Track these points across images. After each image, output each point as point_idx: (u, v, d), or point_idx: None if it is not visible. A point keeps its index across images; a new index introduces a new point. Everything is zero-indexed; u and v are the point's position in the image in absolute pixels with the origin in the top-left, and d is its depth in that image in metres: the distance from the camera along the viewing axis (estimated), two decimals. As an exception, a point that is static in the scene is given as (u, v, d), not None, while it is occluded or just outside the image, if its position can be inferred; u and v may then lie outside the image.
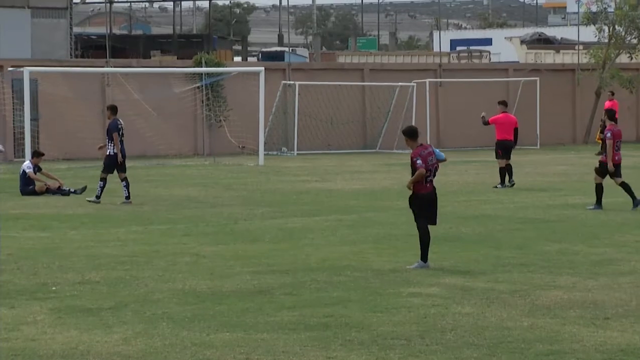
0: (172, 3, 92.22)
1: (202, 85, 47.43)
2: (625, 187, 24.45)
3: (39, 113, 42.98)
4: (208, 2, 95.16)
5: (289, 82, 48.94)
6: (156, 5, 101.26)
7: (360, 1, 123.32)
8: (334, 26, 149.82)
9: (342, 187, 31.42)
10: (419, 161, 17.72)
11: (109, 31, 71.37)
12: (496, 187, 29.08)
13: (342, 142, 49.51)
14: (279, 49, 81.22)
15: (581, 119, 55.63)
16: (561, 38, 79.61)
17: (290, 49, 78.22)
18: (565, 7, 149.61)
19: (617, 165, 24.45)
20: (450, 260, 17.45)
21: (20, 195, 29.15)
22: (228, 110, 47.54)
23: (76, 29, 71.78)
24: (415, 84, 50.27)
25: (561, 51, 71.26)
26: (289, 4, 76.73)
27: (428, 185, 18.08)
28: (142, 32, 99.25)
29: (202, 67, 48.21)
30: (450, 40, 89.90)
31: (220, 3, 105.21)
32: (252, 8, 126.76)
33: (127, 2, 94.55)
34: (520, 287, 14.95)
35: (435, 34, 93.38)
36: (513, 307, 13.63)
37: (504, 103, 31.87)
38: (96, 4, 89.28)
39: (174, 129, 45.80)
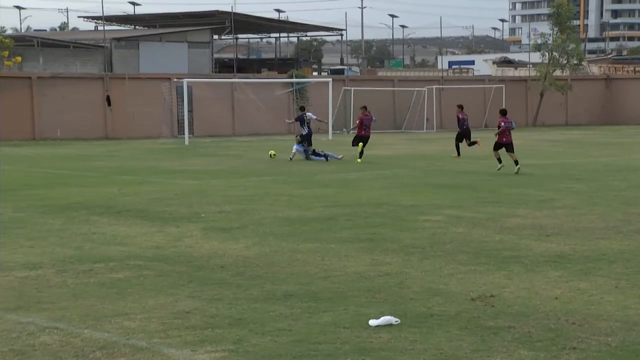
0: (274, 39, 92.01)
1: (293, 90, 47.48)
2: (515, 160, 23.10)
3: (192, 107, 43.24)
4: (297, 38, 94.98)
5: (347, 88, 48.86)
6: (265, 40, 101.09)
7: (392, 37, 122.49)
8: (375, 52, 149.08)
9: (380, 153, 31.30)
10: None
11: (235, 56, 71.46)
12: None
13: (380, 125, 49.22)
14: (340, 67, 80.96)
15: (531, 111, 55.37)
16: (518, 60, 78.89)
17: (348, 67, 77.92)
18: (521, 40, 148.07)
19: (509, 144, 23.27)
20: (448, 199, 17.37)
21: (179, 157, 29.29)
22: (309, 106, 47.51)
23: (215, 55, 71.98)
24: (426, 89, 50.07)
25: (518, 68, 70.73)
26: (347, 39, 76.34)
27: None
28: (256, 57, 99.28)
29: (293, 78, 48.24)
30: (448, 61, 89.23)
31: (304, 39, 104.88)
32: (323, 42, 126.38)
33: (246, 38, 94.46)
34: (492, 216, 14.86)
35: (439, 57, 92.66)
36: (488, 228, 13.56)
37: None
38: (227, 40, 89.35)
39: (275, 117, 45.91)
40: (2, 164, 27.03)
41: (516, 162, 22.98)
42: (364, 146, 27.75)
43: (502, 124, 23.65)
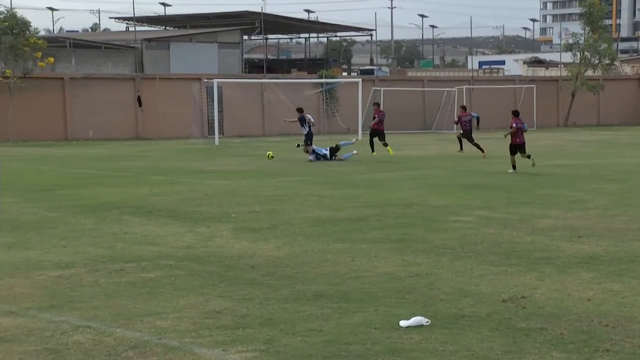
0: (304, 39, 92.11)
1: (322, 90, 47.47)
2: (529, 157, 23.52)
3: (222, 107, 43.41)
4: (326, 38, 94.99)
5: (376, 88, 48.76)
6: (294, 40, 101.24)
7: (422, 37, 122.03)
8: (404, 53, 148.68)
9: (409, 153, 31.24)
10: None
11: (265, 57, 71.62)
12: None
13: (409, 125, 49.26)
14: (370, 67, 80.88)
15: (562, 111, 55.00)
16: (549, 60, 78.37)
17: (377, 67, 77.81)
18: (552, 40, 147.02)
19: (522, 144, 23.47)
20: (479, 199, 17.29)
21: (209, 157, 29.43)
22: (339, 106, 47.54)
23: (245, 56, 72.18)
24: (456, 89, 49.90)
25: (549, 68, 70.27)
26: (377, 39, 76.17)
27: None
28: (285, 57, 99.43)
29: (322, 79, 48.23)
30: (479, 61, 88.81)
31: (334, 39, 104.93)
32: (353, 42, 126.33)
33: (276, 38, 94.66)
34: (523, 217, 14.77)
35: (469, 57, 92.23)
36: (519, 229, 13.47)
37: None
38: (257, 40, 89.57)
39: (305, 117, 45.95)
40: (36, 164, 27.30)
41: (529, 156, 23.38)
42: (383, 139, 29.28)
43: (514, 124, 23.69)
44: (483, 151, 29.03)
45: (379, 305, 8.71)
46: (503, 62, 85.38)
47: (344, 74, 75.90)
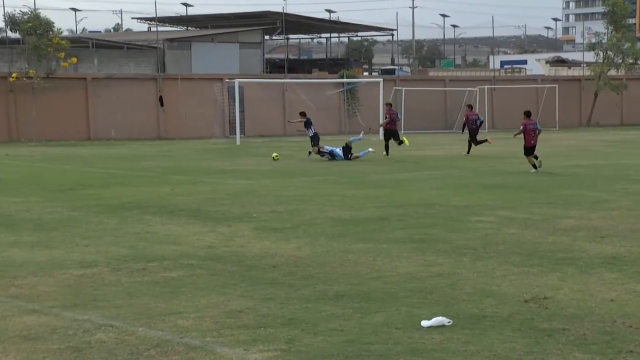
0: (325, 39, 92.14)
1: (343, 90, 47.45)
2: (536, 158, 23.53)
3: (244, 107, 43.50)
4: (347, 38, 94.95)
5: (398, 88, 48.69)
6: (315, 40, 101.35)
7: (443, 37, 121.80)
8: (426, 52, 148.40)
9: (431, 153, 31.18)
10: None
11: (286, 56, 71.71)
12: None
13: (431, 125, 49.17)
14: (391, 67, 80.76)
15: (585, 111, 54.71)
16: (571, 59, 77.94)
17: (399, 67, 77.66)
18: (574, 39, 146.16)
19: (532, 147, 23.38)
20: (501, 199, 17.22)
21: (231, 157, 29.48)
22: (360, 106, 47.52)
23: (266, 56, 72.30)
24: (478, 89, 49.73)
25: (572, 67, 69.90)
26: (398, 39, 76.08)
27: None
28: (307, 57, 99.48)
29: (343, 78, 48.22)
30: (500, 61, 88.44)
31: (355, 39, 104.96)
32: (374, 42, 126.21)
33: (297, 38, 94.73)
34: (546, 217, 14.70)
35: (491, 57, 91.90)
36: (542, 230, 13.41)
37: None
38: (278, 40, 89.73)
39: (325, 117, 45.98)
40: (59, 164, 27.49)
41: (536, 157, 23.38)
42: (397, 139, 29.16)
43: (525, 126, 23.44)
44: (488, 141, 30.43)
45: (400, 305, 8.70)
46: (525, 62, 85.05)
47: (365, 73, 75.84)
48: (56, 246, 12.19)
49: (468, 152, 30.23)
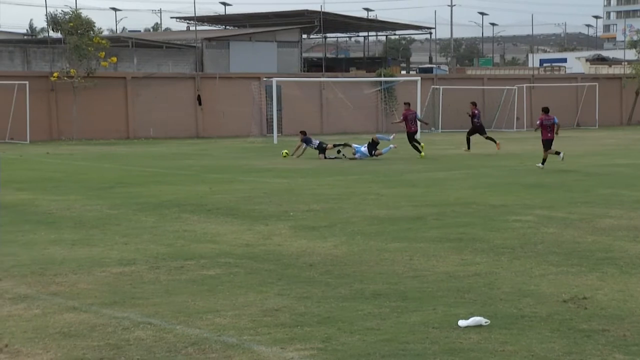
0: (363, 37, 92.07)
1: (381, 89, 47.37)
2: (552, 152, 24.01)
3: (281, 106, 43.59)
4: (385, 37, 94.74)
5: (435, 86, 48.49)
6: (353, 39, 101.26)
7: (481, 35, 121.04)
8: (464, 51, 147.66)
9: (469, 152, 30.96)
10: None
11: (324, 55, 71.74)
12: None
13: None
14: (429, 65, 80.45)
15: (626, 109, 54.08)
16: (612, 57, 77.07)
17: (437, 65, 77.32)
18: (615, 37, 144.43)
19: (549, 140, 23.79)
20: (539, 199, 17.07)
21: (268, 155, 29.55)
22: (397, 104, 47.38)
23: (304, 54, 72.39)
24: (516, 88, 49.39)
25: (612, 66, 69.13)
26: (436, 37, 75.74)
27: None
28: (344, 56, 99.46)
29: (381, 77, 48.13)
30: (540, 59, 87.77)
31: (392, 38, 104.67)
32: (412, 40, 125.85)
33: (335, 37, 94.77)
34: (585, 217, 14.54)
35: (530, 55, 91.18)
36: (581, 229, 13.27)
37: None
38: (316, 39, 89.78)
39: (363, 115, 45.99)
40: (98, 162, 27.76)
41: (544, 161, 23.63)
42: (414, 141, 28.91)
43: (542, 121, 23.90)
44: (469, 149, 30.40)
45: (437, 304, 8.66)
46: (565, 60, 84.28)
47: (403, 72, 75.62)
48: (96, 244, 12.31)
49: (468, 148, 30.56)
